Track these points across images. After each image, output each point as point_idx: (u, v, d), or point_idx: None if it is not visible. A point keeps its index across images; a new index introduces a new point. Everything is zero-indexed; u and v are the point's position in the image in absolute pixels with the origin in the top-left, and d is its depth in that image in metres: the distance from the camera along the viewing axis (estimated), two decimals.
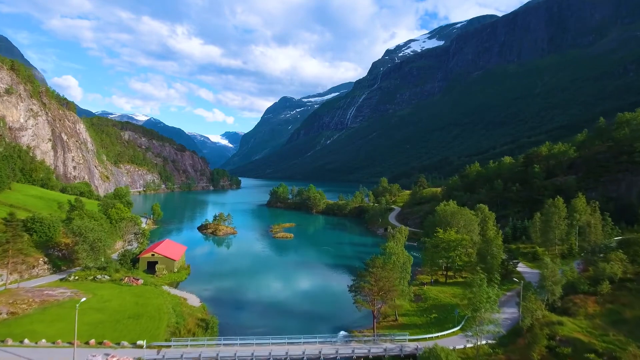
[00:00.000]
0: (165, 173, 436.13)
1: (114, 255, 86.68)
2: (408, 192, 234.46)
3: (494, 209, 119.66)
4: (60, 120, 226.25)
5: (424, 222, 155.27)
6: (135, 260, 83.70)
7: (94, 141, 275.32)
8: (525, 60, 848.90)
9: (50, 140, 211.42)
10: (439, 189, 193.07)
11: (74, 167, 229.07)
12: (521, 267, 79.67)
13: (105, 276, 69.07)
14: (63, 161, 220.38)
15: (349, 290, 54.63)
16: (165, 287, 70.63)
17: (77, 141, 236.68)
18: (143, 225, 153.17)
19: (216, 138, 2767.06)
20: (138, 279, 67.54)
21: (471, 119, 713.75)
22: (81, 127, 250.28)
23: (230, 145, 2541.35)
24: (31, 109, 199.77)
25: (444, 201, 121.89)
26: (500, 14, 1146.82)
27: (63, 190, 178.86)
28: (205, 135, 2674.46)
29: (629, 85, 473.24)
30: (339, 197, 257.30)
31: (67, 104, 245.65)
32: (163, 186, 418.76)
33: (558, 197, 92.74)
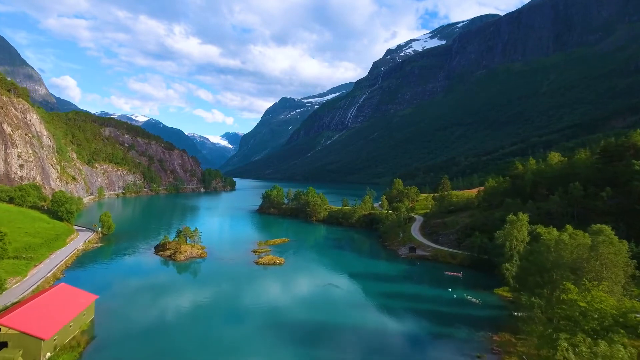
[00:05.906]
0: (150, 174, 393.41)
1: None
2: (428, 195, 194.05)
3: (565, 224, 77.04)
4: (3, 109, 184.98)
5: (462, 241, 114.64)
6: None
7: (53, 136, 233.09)
8: (530, 58, 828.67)
9: None
10: (473, 192, 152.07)
11: (21, 166, 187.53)
12: None
13: None
14: (4, 158, 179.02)
15: None
16: None
17: (26, 134, 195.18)
18: (78, 245, 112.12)
19: (216, 139, 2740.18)
20: None
21: (475, 119, 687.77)
22: (34, 117, 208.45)
23: (230, 146, 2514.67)
24: None
25: (511, 214, 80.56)
26: (501, 13, 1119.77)
27: None
28: (205, 136, 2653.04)
29: None
30: (342, 202, 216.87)
31: (15, 90, 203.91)
32: (146, 188, 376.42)
33: None
